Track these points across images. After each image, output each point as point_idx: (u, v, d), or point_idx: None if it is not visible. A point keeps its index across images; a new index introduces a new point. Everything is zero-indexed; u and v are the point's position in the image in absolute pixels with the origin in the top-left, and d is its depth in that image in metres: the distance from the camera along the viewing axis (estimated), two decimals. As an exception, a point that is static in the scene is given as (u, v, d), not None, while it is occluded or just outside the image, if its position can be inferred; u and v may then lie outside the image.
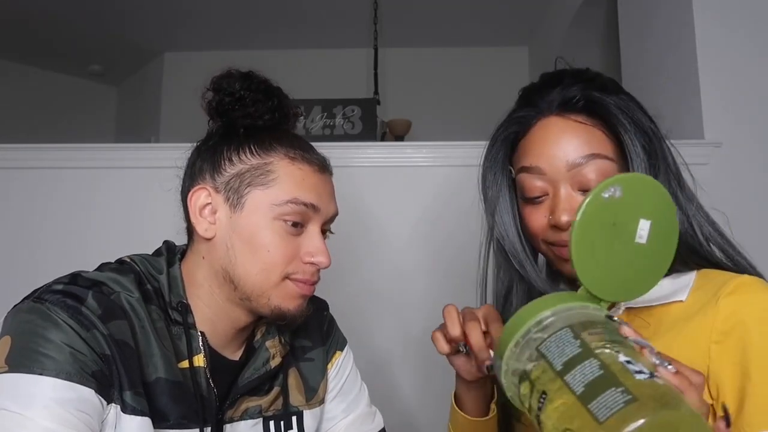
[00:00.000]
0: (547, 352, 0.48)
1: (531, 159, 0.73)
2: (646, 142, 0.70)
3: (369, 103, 3.18)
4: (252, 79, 0.76)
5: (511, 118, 0.77)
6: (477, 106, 3.86)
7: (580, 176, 0.69)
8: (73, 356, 0.61)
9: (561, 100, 0.72)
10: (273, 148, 0.75)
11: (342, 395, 0.90)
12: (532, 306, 0.52)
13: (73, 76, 4.56)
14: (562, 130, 0.71)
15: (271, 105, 0.76)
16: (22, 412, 0.57)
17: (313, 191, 0.74)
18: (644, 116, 0.73)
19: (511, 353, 0.51)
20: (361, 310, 1.60)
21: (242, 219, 0.73)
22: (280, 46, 4.09)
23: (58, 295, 0.64)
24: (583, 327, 0.48)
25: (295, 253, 0.74)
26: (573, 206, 0.69)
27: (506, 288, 0.81)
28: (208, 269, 0.75)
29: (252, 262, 0.72)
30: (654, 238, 0.54)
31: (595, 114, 0.71)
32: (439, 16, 3.75)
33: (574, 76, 0.74)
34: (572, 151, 0.70)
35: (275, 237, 0.72)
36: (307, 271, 0.75)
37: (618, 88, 0.75)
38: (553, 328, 0.49)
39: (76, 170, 1.68)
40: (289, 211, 0.72)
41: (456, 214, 1.65)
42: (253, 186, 0.73)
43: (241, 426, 0.76)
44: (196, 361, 0.72)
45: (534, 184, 0.72)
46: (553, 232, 0.72)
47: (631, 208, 0.53)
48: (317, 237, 0.75)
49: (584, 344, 0.46)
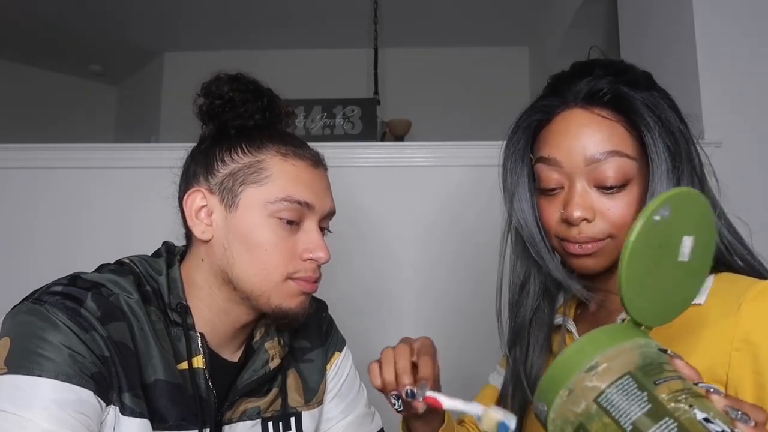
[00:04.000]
0: (611, 407, 0.42)
1: (549, 150, 0.71)
2: (672, 143, 0.68)
3: (369, 103, 3.19)
4: (240, 80, 0.76)
5: (535, 105, 0.75)
6: (477, 106, 3.87)
7: (597, 172, 0.68)
8: (72, 358, 0.61)
9: (588, 91, 0.70)
10: (264, 145, 0.75)
11: (341, 396, 0.90)
12: (579, 347, 0.47)
13: (72, 76, 4.56)
14: (584, 123, 0.69)
15: (261, 105, 0.76)
16: (21, 413, 0.57)
17: (307, 187, 0.74)
18: (674, 115, 0.70)
19: (561, 401, 0.46)
20: (359, 310, 1.60)
21: (237, 218, 0.73)
22: (280, 46, 4.09)
23: (58, 297, 0.64)
24: (645, 373, 0.43)
25: (293, 251, 0.73)
26: (587, 202, 0.68)
27: (522, 278, 0.79)
28: (207, 271, 0.75)
29: (250, 262, 0.72)
30: (695, 254, 0.51)
31: (620, 109, 0.69)
32: (439, 16, 3.75)
33: (605, 68, 0.72)
34: (592, 146, 0.68)
35: (271, 235, 0.72)
36: (308, 269, 0.74)
37: (650, 84, 0.72)
38: (610, 375, 0.44)
39: (75, 170, 1.68)
40: (283, 209, 0.72)
41: (456, 214, 1.65)
42: (247, 184, 0.73)
43: (240, 427, 0.76)
44: (195, 363, 0.72)
45: (550, 176, 0.71)
46: (565, 227, 0.70)
47: (677, 226, 0.49)
48: (315, 232, 0.75)
49: (653, 398, 0.41)
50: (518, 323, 0.80)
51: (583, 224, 0.68)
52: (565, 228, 0.70)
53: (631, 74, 0.72)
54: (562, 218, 0.70)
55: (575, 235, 0.69)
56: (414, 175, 1.70)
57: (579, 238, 0.69)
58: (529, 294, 0.79)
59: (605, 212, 0.68)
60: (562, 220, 0.70)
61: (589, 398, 0.44)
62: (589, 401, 0.44)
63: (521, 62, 4.11)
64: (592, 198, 0.68)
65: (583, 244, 0.69)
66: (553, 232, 0.73)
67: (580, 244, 0.69)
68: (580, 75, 0.72)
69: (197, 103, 0.77)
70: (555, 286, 0.80)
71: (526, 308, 0.79)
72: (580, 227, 0.69)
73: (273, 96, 0.79)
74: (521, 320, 0.79)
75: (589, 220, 0.68)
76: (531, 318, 0.79)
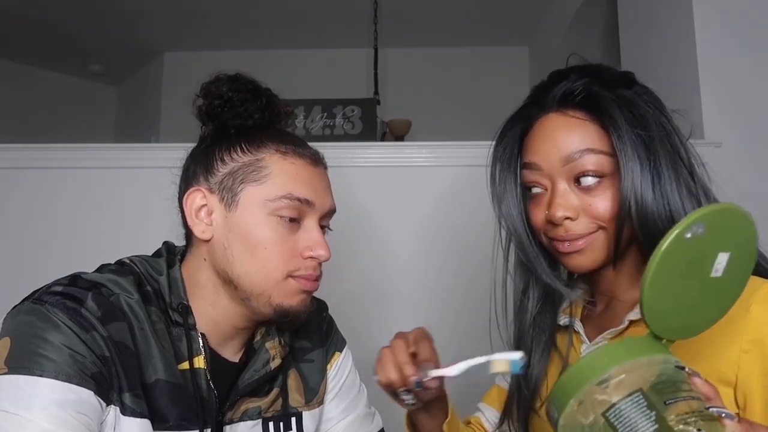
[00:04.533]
0: (618, 423, 0.42)
1: (530, 155, 0.74)
2: (647, 138, 0.69)
3: (369, 103, 3.19)
4: (239, 80, 0.76)
5: (516, 115, 0.78)
6: (477, 106, 3.86)
7: (575, 171, 0.70)
8: (72, 358, 0.61)
9: (562, 95, 0.72)
10: (264, 144, 0.75)
11: (341, 396, 0.90)
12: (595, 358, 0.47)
13: (73, 76, 4.56)
14: (558, 126, 0.72)
15: (260, 104, 0.76)
16: (22, 413, 0.57)
17: (306, 185, 0.74)
18: (653, 110, 0.71)
19: (571, 410, 0.46)
20: (359, 310, 1.60)
21: (237, 217, 0.73)
22: (280, 46, 4.09)
23: (58, 297, 0.64)
24: (657, 391, 0.43)
25: (294, 249, 0.73)
26: (568, 202, 0.70)
27: (524, 284, 0.81)
28: (210, 270, 0.75)
29: (250, 260, 0.72)
30: (730, 270, 0.49)
31: (593, 109, 0.71)
32: (439, 16, 3.75)
33: (580, 71, 0.74)
34: (566, 146, 0.70)
35: (272, 233, 0.72)
36: (309, 266, 0.74)
37: (628, 83, 0.74)
38: (621, 390, 0.44)
39: (75, 170, 1.68)
40: (283, 206, 0.72)
41: (456, 214, 1.65)
42: (246, 183, 0.73)
43: (241, 427, 0.76)
44: (196, 363, 0.72)
45: (532, 179, 0.74)
46: (552, 227, 0.72)
47: (712, 242, 0.47)
48: (315, 230, 0.75)
49: (661, 419, 0.41)
50: (521, 328, 0.82)
51: (568, 223, 0.71)
52: (551, 227, 0.72)
53: (606, 75, 0.74)
54: (547, 219, 0.72)
55: (562, 234, 0.71)
56: (414, 175, 1.70)
57: (566, 236, 0.71)
58: (530, 299, 0.81)
59: (587, 209, 0.70)
60: (547, 221, 0.72)
61: (598, 411, 0.44)
62: (598, 414, 0.44)
63: (521, 62, 4.11)
64: (573, 197, 0.71)
65: (571, 242, 0.71)
66: (543, 232, 0.75)
67: (568, 241, 0.71)
68: (557, 81, 0.74)
69: (196, 103, 0.77)
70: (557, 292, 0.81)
71: (528, 313, 0.81)
72: (565, 226, 0.71)
73: (272, 95, 0.79)
74: (523, 325, 0.81)
75: (572, 219, 0.70)
76: (532, 322, 0.80)
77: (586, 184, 0.70)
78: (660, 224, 0.67)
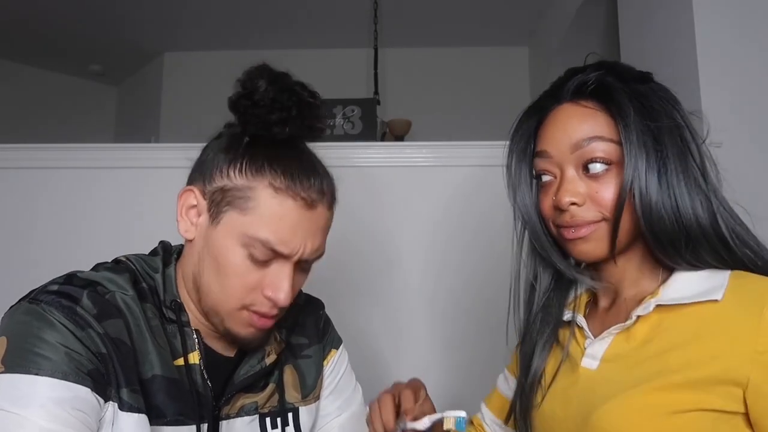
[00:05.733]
0: None
1: (542, 144, 0.76)
2: (656, 129, 0.70)
3: (369, 103, 3.18)
4: (280, 82, 0.70)
5: (532, 107, 0.80)
6: (477, 106, 3.87)
7: (584, 158, 0.71)
8: (69, 356, 0.61)
9: (576, 86, 0.74)
10: (261, 172, 0.70)
11: (336, 393, 0.90)
12: None
13: (73, 76, 4.56)
14: (569, 115, 0.73)
15: (287, 116, 0.70)
16: (20, 412, 0.58)
17: (289, 231, 0.69)
18: (666, 105, 0.72)
19: None
20: (357, 308, 1.60)
21: (215, 234, 0.71)
22: (280, 46, 4.09)
23: (53, 296, 0.65)
24: None
25: (257, 283, 0.71)
26: (575, 188, 0.71)
27: (533, 275, 0.83)
28: (190, 269, 0.75)
29: (215, 279, 0.71)
30: None
31: (604, 99, 0.72)
32: (439, 16, 3.75)
33: (598, 65, 0.76)
34: (576, 134, 0.72)
35: (240, 263, 0.70)
36: (265, 304, 0.72)
37: (642, 78, 0.75)
38: None
39: (74, 170, 1.68)
40: (256, 249, 0.69)
41: (456, 214, 1.65)
42: (232, 207, 0.70)
43: (238, 423, 0.76)
44: (191, 359, 0.73)
45: (543, 167, 0.75)
46: (559, 213, 0.73)
47: None
48: (284, 273, 0.71)
49: None
50: (527, 319, 0.83)
51: (573, 208, 0.71)
52: (559, 214, 0.73)
53: (620, 68, 0.75)
54: (554, 205, 0.73)
55: (567, 220, 0.72)
56: (414, 175, 1.70)
57: (571, 222, 0.72)
58: (536, 290, 0.82)
59: (594, 196, 0.71)
60: (555, 207, 0.73)
61: None
62: None
63: (521, 62, 4.11)
64: (581, 183, 0.72)
65: (576, 228, 0.72)
66: (550, 221, 0.76)
67: (573, 228, 0.72)
68: (572, 75, 0.76)
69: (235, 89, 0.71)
70: (565, 282, 0.82)
71: (536, 304, 0.82)
72: (571, 212, 0.72)
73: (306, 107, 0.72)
74: (530, 316, 0.83)
75: (578, 204, 0.71)
76: (538, 313, 0.82)
77: (594, 171, 0.71)
78: (665, 215, 0.68)
